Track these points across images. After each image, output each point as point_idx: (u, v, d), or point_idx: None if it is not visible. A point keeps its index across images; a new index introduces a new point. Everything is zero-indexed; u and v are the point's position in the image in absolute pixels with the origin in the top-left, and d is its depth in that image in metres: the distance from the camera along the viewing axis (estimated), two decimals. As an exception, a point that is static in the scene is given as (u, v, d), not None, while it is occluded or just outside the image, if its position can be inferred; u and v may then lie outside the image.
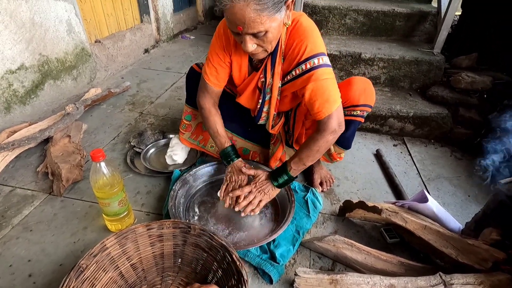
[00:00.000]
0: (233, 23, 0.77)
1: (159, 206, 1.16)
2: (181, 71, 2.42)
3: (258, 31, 0.77)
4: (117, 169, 0.97)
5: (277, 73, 0.98)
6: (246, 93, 1.07)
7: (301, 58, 0.90)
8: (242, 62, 1.02)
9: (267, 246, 0.98)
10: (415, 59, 1.75)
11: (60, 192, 1.16)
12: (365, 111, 1.04)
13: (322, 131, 0.94)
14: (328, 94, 0.91)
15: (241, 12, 0.73)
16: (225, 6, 0.74)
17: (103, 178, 0.91)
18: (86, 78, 2.02)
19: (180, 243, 0.89)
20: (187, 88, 1.25)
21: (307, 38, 0.89)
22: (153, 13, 2.71)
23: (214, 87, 1.07)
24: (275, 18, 0.77)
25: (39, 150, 1.41)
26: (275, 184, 1.03)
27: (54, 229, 1.05)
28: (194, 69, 1.20)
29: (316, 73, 0.89)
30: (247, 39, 0.80)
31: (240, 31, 0.78)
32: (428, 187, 1.36)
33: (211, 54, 1.03)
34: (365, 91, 1.02)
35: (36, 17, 1.59)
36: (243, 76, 1.06)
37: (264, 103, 1.06)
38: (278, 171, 1.04)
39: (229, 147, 1.10)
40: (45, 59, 1.68)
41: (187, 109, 1.28)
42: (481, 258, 0.83)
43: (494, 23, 1.71)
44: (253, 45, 0.82)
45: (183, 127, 1.32)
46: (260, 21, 0.75)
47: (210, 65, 1.03)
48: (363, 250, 0.94)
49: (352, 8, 1.94)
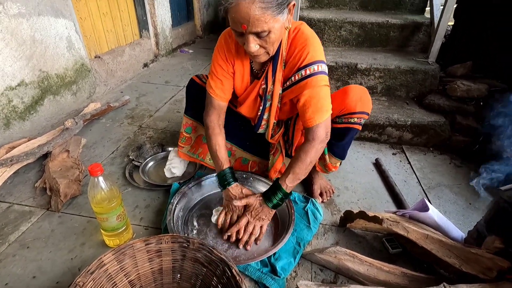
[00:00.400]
0: (238, 22, 0.77)
1: (158, 220, 1.15)
2: (180, 84, 2.45)
3: (262, 30, 0.78)
4: (115, 183, 0.97)
5: (278, 79, 0.99)
6: (247, 101, 1.07)
7: (302, 64, 0.92)
8: (244, 71, 1.03)
9: (268, 259, 0.97)
10: (411, 69, 1.77)
11: (58, 207, 1.15)
12: (362, 118, 1.05)
13: (311, 140, 0.95)
14: (321, 103, 0.93)
15: (246, 9, 0.74)
16: (230, 4, 0.75)
17: (101, 193, 0.90)
18: (86, 93, 2.04)
19: (179, 258, 0.87)
20: (187, 99, 1.25)
21: (308, 45, 0.92)
22: (152, 28, 2.76)
23: (220, 101, 1.06)
24: (278, 19, 0.79)
25: (37, 165, 1.41)
26: (270, 205, 0.99)
27: (51, 245, 1.03)
28: (194, 80, 1.20)
29: (314, 80, 0.91)
30: (250, 38, 0.81)
31: (244, 30, 0.78)
32: (428, 196, 1.35)
33: (214, 66, 1.03)
34: (361, 98, 1.03)
35: (37, 35, 1.62)
36: (245, 85, 1.06)
37: (265, 110, 1.07)
38: (271, 191, 1.00)
39: (227, 169, 1.05)
40: (45, 75, 1.70)
41: (187, 121, 1.26)
42: (485, 268, 0.82)
43: (491, 25, 1.74)
44: (256, 46, 0.83)
45: (183, 141, 1.29)
46: (264, 19, 0.76)
47: (214, 77, 1.03)
48: (366, 262, 0.92)
49: (347, 21, 1.98)
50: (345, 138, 1.07)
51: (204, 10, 3.72)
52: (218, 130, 1.08)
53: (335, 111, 1.03)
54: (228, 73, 1.03)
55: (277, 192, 0.98)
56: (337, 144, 1.10)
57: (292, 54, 0.94)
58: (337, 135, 1.07)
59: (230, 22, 0.80)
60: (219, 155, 1.06)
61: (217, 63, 1.02)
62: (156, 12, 2.69)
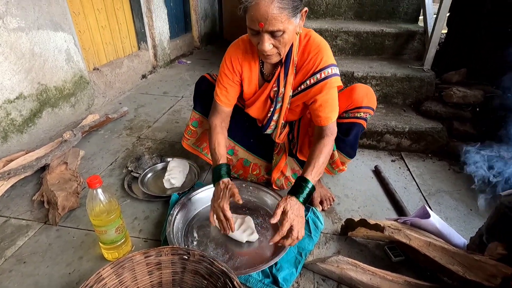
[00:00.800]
0: (255, 20, 0.81)
1: (157, 232, 1.14)
2: (178, 95, 2.46)
3: (278, 29, 0.82)
4: (114, 195, 0.96)
5: (289, 82, 1.04)
6: (257, 103, 1.12)
7: (317, 68, 0.98)
8: (252, 76, 1.08)
9: (269, 270, 0.95)
10: (407, 76, 1.79)
11: (56, 221, 1.13)
12: (368, 113, 1.12)
13: (329, 135, 1.02)
14: (335, 104, 1.03)
15: (265, 8, 0.78)
16: (250, 3, 0.80)
17: (100, 205, 0.89)
18: (84, 105, 2.04)
19: (179, 271, 0.86)
20: (196, 95, 1.28)
21: (321, 51, 0.98)
22: (150, 40, 2.79)
23: (224, 107, 1.11)
24: (292, 21, 0.84)
25: (35, 178, 1.39)
26: (301, 201, 0.92)
27: (49, 260, 1.01)
28: (205, 77, 1.25)
29: (329, 82, 0.98)
30: (265, 37, 0.84)
31: (261, 28, 0.82)
32: (429, 202, 1.34)
33: (221, 75, 1.09)
34: (367, 94, 1.12)
35: (36, 48, 1.63)
36: (254, 89, 1.11)
37: (275, 111, 1.11)
38: (298, 187, 0.94)
39: (223, 164, 1.03)
40: (43, 88, 1.71)
41: (194, 115, 1.29)
42: (489, 275, 0.81)
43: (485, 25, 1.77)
44: (270, 45, 0.86)
45: (188, 133, 1.32)
46: (281, 19, 0.80)
47: (220, 85, 1.10)
48: (368, 271, 0.91)
49: (342, 30, 2.01)
50: (351, 133, 1.13)
51: (202, 21, 3.77)
52: (219, 130, 1.13)
53: (342, 106, 1.11)
54: (233, 81, 1.09)
55: (304, 186, 0.93)
56: (344, 139, 1.14)
57: (306, 60, 1.00)
58: (344, 130, 1.13)
59: (248, 20, 0.84)
60: (217, 151, 1.07)
61: (223, 72, 1.08)
62: (154, 25, 2.72)
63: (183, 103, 2.32)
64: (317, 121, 1.03)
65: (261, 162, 1.36)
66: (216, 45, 4.15)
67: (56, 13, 1.73)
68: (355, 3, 2.24)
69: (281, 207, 0.89)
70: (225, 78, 1.08)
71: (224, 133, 1.14)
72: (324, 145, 1.00)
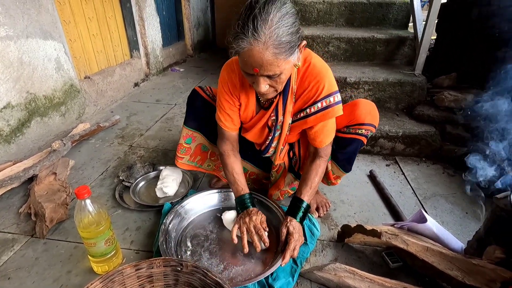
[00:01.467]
0: (249, 65, 0.78)
1: (149, 243, 1.10)
2: (171, 103, 2.44)
3: (274, 73, 0.79)
4: (103, 206, 0.93)
5: (288, 111, 1.01)
6: (254, 130, 1.09)
7: (318, 97, 0.95)
8: (249, 102, 1.04)
9: (265, 280, 0.93)
10: (398, 81, 1.81)
11: (43, 233, 1.09)
12: (369, 130, 1.08)
13: (324, 156, 1.05)
14: (332, 130, 1.03)
15: (259, 55, 0.74)
16: (242, 49, 0.75)
17: (89, 217, 0.86)
18: (75, 114, 2.01)
19: (172, 283, 0.83)
20: (188, 110, 1.21)
21: (323, 78, 0.94)
22: (143, 48, 2.78)
23: (232, 132, 1.09)
24: (289, 60, 0.79)
25: (22, 189, 1.35)
26: (298, 220, 1.01)
27: (35, 275, 0.97)
28: (197, 91, 1.19)
29: (331, 111, 0.96)
30: (261, 80, 0.81)
31: (256, 73, 0.79)
32: (425, 206, 1.34)
33: (221, 101, 1.04)
34: (370, 112, 1.08)
35: (25, 57, 1.60)
36: (250, 116, 1.07)
37: (273, 139, 1.09)
38: (295, 207, 1.02)
39: (246, 194, 1.08)
40: (32, 97, 1.67)
41: (187, 133, 1.22)
42: (489, 279, 0.80)
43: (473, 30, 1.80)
44: (266, 86, 0.84)
45: (182, 152, 1.25)
46: (277, 64, 0.76)
47: (223, 112, 1.05)
48: (366, 278, 0.89)
49: (334, 36, 2.03)
50: (349, 147, 1.10)
51: (195, 29, 3.79)
52: (233, 158, 1.11)
53: (344, 121, 1.08)
54: (235, 106, 1.04)
55: (300, 207, 1.02)
56: (340, 152, 1.12)
57: (307, 88, 0.96)
58: (343, 145, 1.11)
59: (241, 64, 0.81)
60: (237, 182, 1.09)
61: (223, 98, 1.03)
62: (146, 33, 2.72)
63: (176, 110, 2.30)
64: (312, 143, 1.05)
65: (258, 171, 1.34)
66: (209, 53, 4.16)
67: (46, 21, 1.71)
68: (346, 10, 2.27)
69: (286, 228, 0.99)
70: (226, 104, 1.03)
71: (238, 158, 1.13)
72: (319, 165, 1.05)
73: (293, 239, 0.95)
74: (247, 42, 0.73)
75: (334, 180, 1.22)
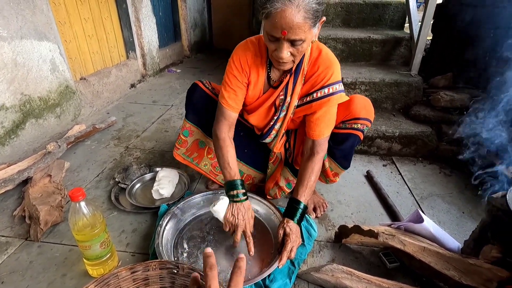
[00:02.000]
0: (279, 27, 0.79)
1: (145, 245, 1.09)
2: (168, 104, 2.43)
3: (300, 38, 0.80)
4: (98, 208, 0.92)
5: (296, 92, 1.02)
6: (260, 110, 1.08)
7: (326, 82, 0.98)
8: (258, 80, 1.04)
9: (262, 281, 0.92)
10: (395, 81, 1.81)
11: (38, 236, 1.08)
12: (365, 125, 1.10)
13: (320, 152, 1.04)
14: (333, 121, 1.04)
15: (291, 17, 0.76)
16: (276, 9, 0.77)
17: (83, 219, 0.85)
18: (70, 115, 1.99)
19: (168, 286, 0.82)
20: (187, 104, 1.21)
21: (332, 66, 0.98)
22: (139, 49, 2.77)
23: (232, 112, 1.06)
24: (312, 31, 0.83)
25: (17, 192, 1.33)
26: (295, 222, 1.00)
27: (29, 279, 0.96)
28: (197, 85, 1.19)
29: (334, 98, 0.98)
30: (285, 45, 0.83)
31: (283, 36, 0.80)
32: (422, 206, 1.34)
33: (229, 77, 1.03)
34: (365, 106, 1.10)
35: (19, 58, 1.59)
36: (257, 94, 1.07)
37: (278, 120, 1.09)
38: (292, 208, 1.01)
39: (238, 180, 1.03)
40: (27, 99, 1.66)
41: (185, 124, 1.24)
42: (485, 279, 0.80)
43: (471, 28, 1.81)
44: (288, 53, 0.85)
45: (179, 142, 1.26)
46: (304, 28, 0.79)
47: (228, 88, 1.03)
48: (364, 279, 0.89)
49: (330, 37, 2.04)
50: (346, 143, 1.11)
51: (191, 30, 3.78)
52: (228, 142, 1.08)
53: (340, 117, 1.09)
54: (243, 83, 1.04)
55: (298, 209, 1.00)
56: (337, 147, 1.13)
57: (316, 72, 0.99)
58: (340, 140, 1.11)
59: (269, 26, 0.81)
60: (231, 165, 1.04)
61: (231, 74, 1.03)
62: (142, 34, 2.71)
63: (173, 111, 2.29)
64: (310, 134, 1.04)
65: (254, 173, 1.33)
66: (206, 54, 4.15)
67: (41, 22, 1.69)
68: (342, 11, 2.27)
69: (283, 229, 0.97)
70: (233, 79, 1.02)
71: (233, 145, 1.10)
72: (315, 163, 1.04)
73: (290, 241, 0.95)
74: (282, 3, 0.76)
75: (333, 178, 1.22)
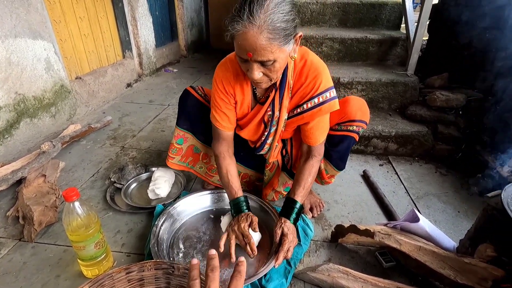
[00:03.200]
0: (243, 49, 0.77)
1: (141, 245, 1.09)
2: (164, 103, 2.42)
3: (267, 59, 0.78)
4: (92, 208, 0.91)
5: (284, 106, 1.00)
6: (250, 126, 1.07)
7: (315, 92, 0.96)
8: (245, 97, 1.03)
9: (258, 281, 0.92)
10: (391, 81, 1.82)
11: (31, 237, 1.07)
12: (361, 127, 1.09)
13: (317, 155, 1.05)
14: (327, 127, 1.04)
15: (253, 39, 0.74)
16: (237, 31, 0.75)
17: (77, 219, 0.84)
18: (66, 115, 1.97)
19: (163, 286, 0.81)
20: (180, 110, 1.20)
21: (320, 74, 0.95)
22: (135, 48, 2.76)
23: (228, 132, 1.07)
24: (284, 49, 0.79)
25: (10, 192, 1.32)
26: (292, 222, 1.00)
27: (23, 280, 0.95)
28: (189, 91, 1.18)
29: (327, 106, 0.96)
30: (254, 66, 0.81)
31: (250, 58, 0.78)
32: (417, 205, 1.34)
33: (216, 101, 1.02)
34: (361, 108, 1.09)
35: (13, 57, 1.57)
36: (246, 111, 1.06)
37: (269, 135, 1.08)
38: (288, 208, 1.01)
39: (241, 197, 1.05)
40: (21, 98, 1.64)
41: (178, 133, 1.21)
42: (480, 278, 0.80)
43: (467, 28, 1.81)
44: (260, 73, 0.83)
45: (173, 152, 1.24)
46: (271, 49, 0.76)
47: (219, 111, 1.03)
48: (360, 278, 0.89)
49: (327, 37, 2.04)
50: (341, 144, 1.11)
51: (188, 30, 3.76)
52: (229, 160, 1.09)
53: (335, 119, 1.08)
54: (230, 104, 1.03)
55: (294, 208, 1.01)
56: (333, 149, 1.13)
57: (303, 84, 0.97)
58: (336, 142, 1.11)
59: (236, 48, 0.80)
60: (232, 184, 1.06)
61: (218, 97, 1.02)
62: (139, 33, 2.69)
63: (170, 111, 2.28)
64: (306, 140, 1.05)
65: (251, 173, 1.33)
66: (203, 53, 4.14)
67: (35, 21, 1.68)
68: (339, 11, 2.27)
69: (280, 229, 0.97)
70: (221, 103, 1.02)
71: (233, 160, 1.10)
72: (312, 165, 1.05)
73: (287, 240, 0.94)
74: (242, 25, 0.74)
75: (328, 179, 1.22)
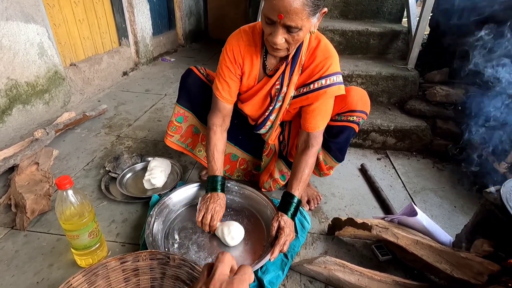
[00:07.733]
0: (276, 10, 0.76)
1: (136, 235, 1.07)
2: (161, 93, 2.38)
3: (296, 25, 0.78)
4: (86, 197, 0.89)
5: (293, 82, 1.00)
6: (254, 99, 1.05)
7: (324, 73, 0.96)
8: (253, 68, 1.02)
9: (255, 273, 0.91)
10: (391, 75, 1.80)
11: (24, 225, 1.05)
12: (361, 117, 1.08)
13: (314, 145, 1.02)
14: (329, 114, 1.02)
15: (290, 0, 0.74)
16: None
17: (71, 208, 0.82)
18: (60, 102, 1.93)
19: (159, 277, 0.80)
20: (181, 88, 1.19)
21: (331, 57, 0.96)
22: (132, 36, 2.69)
23: (226, 104, 1.05)
24: (310, 20, 0.80)
25: (2, 180, 1.29)
26: (289, 216, 0.99)
27: (15, 268, 0.93)
28: (192, 70, 1.17)
29: (332, 89, 0.96)
30: (280, 30, 0.80)
31: (279, 20, 0.77)
32: (414, 200, 1.34)
33: (222, 68, 1.02)
34: (362, 98, 1.08)
35: (4, 40, 1.52)
36: (252, 83, 1.05)
37: (273, 111, 1.06)
38: (286, 203, 1.00)
39: (219, 176, 1.06)
40: (13, 83, 1.60)
41: (179, 110, 1.20)
42: (476, 272, 0.80)
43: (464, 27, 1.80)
44: (282, 39, 0.82)
45: (172, 129, 1.23)
46: (301, 16, 0.76)
47: (221, 80, 1.02)
48: (356, 271, 0.89)
49: (328, 29, 2.00)
50: (341, 135, 1.10)
51: (186, 19, 3.69)
52: (219, 135, 1.08)
53: (336, 109, 1.06)
54: (236, 75, 1.02)
55: (292, 203, 1.00)
56: (332, 140, 1.11)
57: (313, 62, 0.97)
58: (335, 133, 1.10)
59: (267, 7, 0.79)
60: (216, 160, 1.06)
61: (225, 65, 1.01)
62: (135, 20, 2.63)
63: (166, 101, 2.25)
64: (305, 126, 1.02)
65: (249, 158, 1.32)
66: (201, 43, 4.07)
67: (28, 3, 1.62)
68: (340, 2, 2.24)
69: (277, 222, 0.96)
70: (226, 71, 1.01)
71: (224, 137, 1.09)
72: (309, 156, 1.02)
73: (284, 234, 0.94)
74: None
75: (327, 171, 1.21)
